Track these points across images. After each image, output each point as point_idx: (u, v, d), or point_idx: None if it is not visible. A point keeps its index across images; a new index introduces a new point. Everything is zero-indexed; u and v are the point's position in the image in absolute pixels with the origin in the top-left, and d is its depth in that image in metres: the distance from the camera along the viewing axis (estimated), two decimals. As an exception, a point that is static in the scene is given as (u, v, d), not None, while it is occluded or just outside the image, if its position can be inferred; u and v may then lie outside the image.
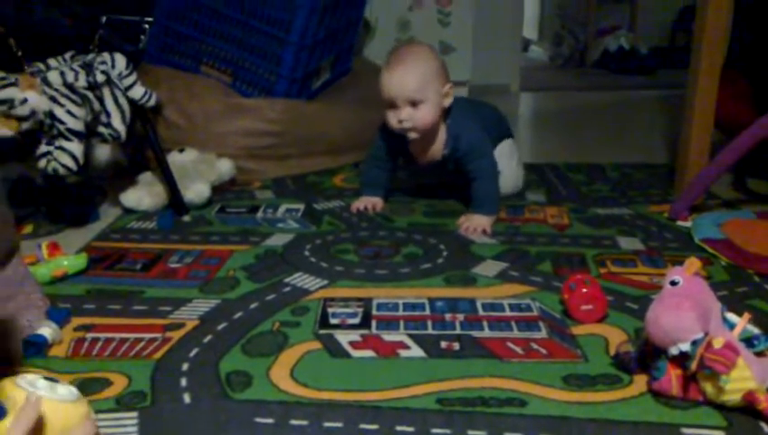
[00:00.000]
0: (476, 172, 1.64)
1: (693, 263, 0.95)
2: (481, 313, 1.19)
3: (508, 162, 1.76)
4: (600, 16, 4.58)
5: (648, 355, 0.96)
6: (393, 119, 1.60)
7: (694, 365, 0.88)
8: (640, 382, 0.96)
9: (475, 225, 1.58)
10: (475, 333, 1.11)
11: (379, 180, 1.78)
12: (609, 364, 1.02)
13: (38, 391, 0.75)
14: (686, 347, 0.89)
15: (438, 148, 1.67)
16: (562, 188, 1.94)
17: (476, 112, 1.73)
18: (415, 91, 1.56)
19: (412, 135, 1.61)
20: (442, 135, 1.66)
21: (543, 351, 1.06)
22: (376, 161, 1.77)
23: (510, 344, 1.08)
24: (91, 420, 0.78)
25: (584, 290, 1.14)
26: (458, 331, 1.13)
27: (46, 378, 0.78)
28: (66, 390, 0.78)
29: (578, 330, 1.12)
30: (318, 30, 2.01)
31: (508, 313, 1.19)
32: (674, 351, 0.90)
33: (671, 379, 0.91)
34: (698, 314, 0.89)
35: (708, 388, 0.89)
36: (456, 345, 1.08)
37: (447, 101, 1.62)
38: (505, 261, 1.41)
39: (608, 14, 4.60)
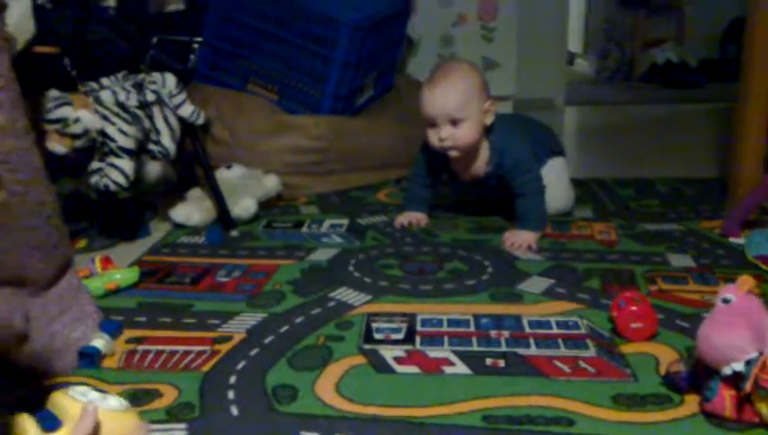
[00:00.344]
0: (522, 188, 1.62)
1: (746, 280, 0.92)
2: (527, 330, 1.18)
3: (558, 180, 1.73)
4: (647, 28, 4.51)
5: (699, 375, 0.93)
6: (434, 137, 1.59)
7: (748, 386, 0.85)
8: (692, 403, 0.94)
9: (521, 241, 1.57)
10: (522, 351, 1.10)
11: (422, 196, 1.78)
12: (659, 384, 0.99)
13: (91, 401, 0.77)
14: (739, 367, 0.86)
15: (481, 165, 1.65)
16: (610, 203, 1.91)
17: (523, 128, 1.71)
18: (455, 109, 1.55)
19: (453, 154, 1.61)
20: (485, 152, 1.64)
21: (592, 369, 1.04)
22: (418, 178, 1.77)
23: (557, 362, 1.06)
24: (144, 428, 0.80)
25: (634, 308, 1.12)
26: (504, 348, 1.12)
27: (96, 389, 0.80)
28: (116, 401, 0.80)
29: (627, 348, 1.10)
30: (362, 47, 2.04)
31: (555, 330, 1.17)
32: (727, 371, 0.87)
33: (724, 400, 0.89)
34: (752, 332, 0.87)
35: (764, 409, 0.87)
36: (502, 362, 1.07)
37: (489, 119, 1.60)
38: (552, 277, 1.39)
39: (655, 26, 4.53)
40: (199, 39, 2.01)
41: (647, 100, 3.76)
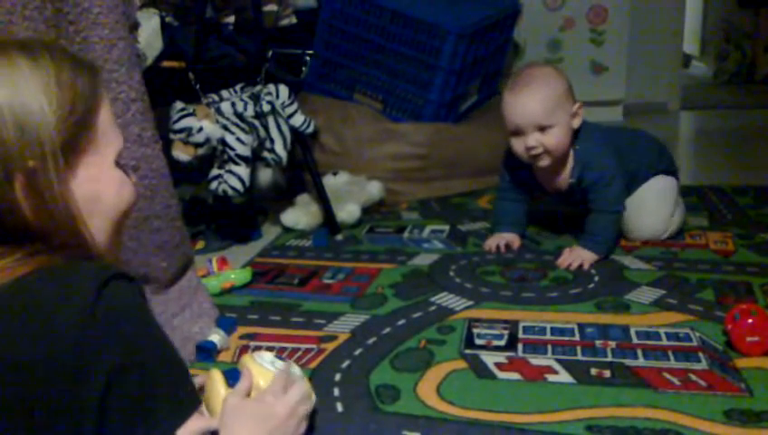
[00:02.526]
0: (597, 204, 1.50)
1: None
2: (635, 341, 1.15)
3: (658, 201, 1.58)
4: (770, 28, 4.23)
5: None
6: (519, 146, 1.49)
7: None
8: (816, 424, 0.89)
9: (575, 258, 1.47)
10: (629, 362, 1.08)
11: (512, 215, 1.65)
12: (778, 401, 0.94)
13: (269, 365, 0.90)
14: None
15: (565, 177, 1.53)
16: (727, 211, 1.81)
17: (618, 143, 1.56)
18: (544, 116, 1.44)
19: (544, 162, 1.49)
20: (569, 162, 1.52)
21: (703, 383, 1.00)
22: (506, 194, 1.66)
23: (666, 374, 1.03)
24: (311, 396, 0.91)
25: (750, 321, 1.07)
26: (610, 358, 1.09)
27: (277, 356, 0.93)
28: (295, 368, 0.93)
29: (742, 363, 1.05)
30: (466, 54, 2.05)
31: (665, 342, 1.14)
32: None
33: None
34: None
35: None
36: (608, 373, 1.05)
37: (577, 122, 1.49)
38: (662, 288, 1.35)
39: (780, 25, 4.24)
40: (310, 51, 2.09)
41: (769, 103, 3.53)
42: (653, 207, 1.58)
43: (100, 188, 0.66)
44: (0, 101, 0.58)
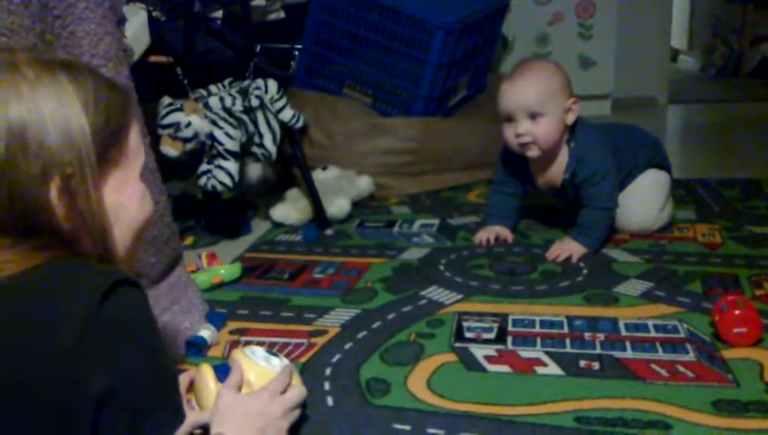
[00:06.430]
0: (590, 200, 1.50)
1: None
2: (623, 333, 1.15)
3: (650, 193, 1.59)
4: (756, 23, 4.25)
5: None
6: (510, 133, 1.49)
7: None
8: (802, 413, 0.90)
9: (564, 250, 1.48)
10: (617, 354, 1.08)
11: (505, 208, 1.65)
12: (763, 391, 0.95)
13: (259, 360, 0.91)
14: None
15: (558, 172, 1.52)
16: (714, 204, 1.82)
17: (615, 140, 1.56)
18: (536, 102, 1.44)
19: (532, 153, 1.48)
20: (563, 158, 1.51)
21: (691, 374, 1.01)
22: (501, 187, 1.65)
23: (654, 366, 1.04)
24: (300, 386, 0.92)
25: (737, 312, 1.08)
26: (598, 350, 1.10)
27: (268, 351, 0.94)
28: (279, 361, 0.93)
29: (729, 353, 1.06)
30: (455, 49, 2.05)
31: (653, 334, 1.14)
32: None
33: (838, 411, 0.84)
34: None
35: None
36: (597, 365, 1.06)
37: (571, 118, 1.48)
38: (650, 280, 1.36)
39: (765, 20, 4.26)
40: (299, 46, 2.08)
41: (755, 97, 3.56)
42: (644, 198, 1.59)
43: (125, 198, 0.70)
44: (45, 114, 0.63)
